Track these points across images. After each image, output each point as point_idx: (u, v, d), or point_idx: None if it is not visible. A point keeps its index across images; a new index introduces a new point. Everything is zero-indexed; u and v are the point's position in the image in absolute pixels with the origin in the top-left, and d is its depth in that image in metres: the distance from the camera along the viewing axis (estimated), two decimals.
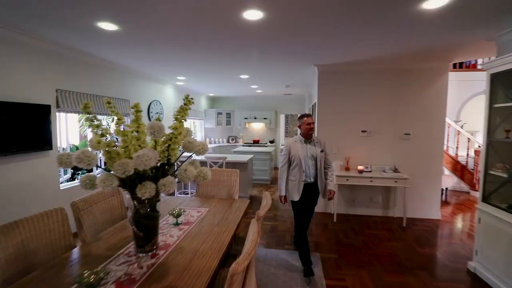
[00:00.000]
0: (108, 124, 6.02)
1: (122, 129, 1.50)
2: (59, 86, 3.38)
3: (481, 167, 2.69)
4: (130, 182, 1.45)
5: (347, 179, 4.04)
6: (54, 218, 1.70)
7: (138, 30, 2.75)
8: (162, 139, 1.51)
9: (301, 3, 2.12)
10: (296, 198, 2.70)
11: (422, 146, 4.21)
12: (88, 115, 1.35)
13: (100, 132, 1.38)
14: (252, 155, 5.91)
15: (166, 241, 1.76)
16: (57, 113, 3.39)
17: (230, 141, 9.19)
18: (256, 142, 8.99)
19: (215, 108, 8.97)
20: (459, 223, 4.21)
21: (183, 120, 1.55)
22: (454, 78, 6.38)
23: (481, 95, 6.10)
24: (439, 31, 2.72)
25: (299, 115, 2.86)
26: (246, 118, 8.91)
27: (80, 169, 4.96)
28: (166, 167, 1.55)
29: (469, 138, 5.92)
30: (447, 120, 6.00)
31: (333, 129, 4.43)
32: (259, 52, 3.54)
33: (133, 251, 1.61)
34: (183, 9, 2.25)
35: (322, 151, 2.76)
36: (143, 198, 1.37)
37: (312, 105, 5.93)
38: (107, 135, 1.42)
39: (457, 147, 6.08)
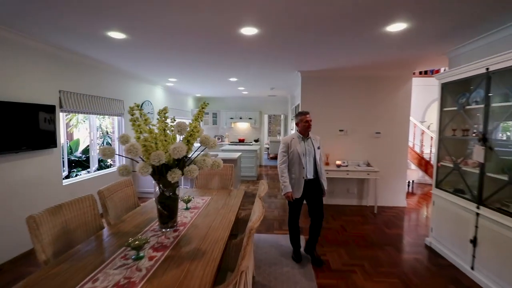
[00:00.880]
0: (100, 123, 6.16)
1: (148, 128, 1.85)
2: (61, 87, 3.57)
3: (434, 160, 3.28)
4: (158, 170, 1.80)
5: (327, 173, 4.54)
6: (86, 203, 2.00)
7: (143, 38, 3.05)
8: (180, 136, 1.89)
9: (288, 22, 2.55)
10: (299, 195, 2.71)
11: (390, 143, 4.83)
12: (131, 116, 1.69)
13: (141, 131, 1.73)
14: (240, 153, 6.30)
15: (182, 220, 2.13)
16: (60, 113, 3.58)
17: (217, 140, 9.49)
18: (241, 141, 9.38)
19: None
20: (421, 209, 4.87)
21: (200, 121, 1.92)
22: (421, 83, 7.17)
23: None
24: (401, 47, 3.28)
25: (297, 113, 2.83)
26: (231, 118, 9.27)
27: (76, 167, 5.11)
28: (185, 158, 1.92)
29: (432, 137, 6.71)
30: (414, 120, 6.76)
31: (314, 128, 4.87)
32: (250, 60, 3.95)
33: (157, 228, 1.96)
34: (187, 24, 2.60)
35: (318, 148, 2.82)
36: (172, 182, 1.73)
37: (295, 106, 6.43)
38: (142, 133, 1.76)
39: (422, 145, 6.85)
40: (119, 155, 1.53)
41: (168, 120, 1.94)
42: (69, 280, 1.33)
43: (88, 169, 5.34)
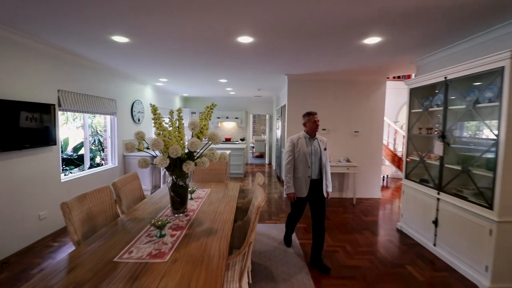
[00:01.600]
0: (91, 122, 6.19)
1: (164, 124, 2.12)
2: (60, 86, 3.69)
3: (403, 154, 3.78)
4: (173, 162, 2.08)
5: None
6: (104, 193, 2.23)
7: (145, 42, 3.26)
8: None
9: (280, 34, 2.89)
10: (304, 194, 2.73)
11: (367, 141, 5.34)
12: (154, 115, 1.96)
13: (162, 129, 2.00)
14: (230, 151, 6.58)
15: (190, 208, 2.40)
16: (59, 112, 3.70)
17: (204, 139, 9.68)
18: (228, 140, 9.64)
19: (188, 108, 9.39)
20: (394, 200, 5.43)
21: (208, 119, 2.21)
22: (394, 87, 7.82)
23: None
24: (376, 56, 3.74)
25: (304, 113, 2.85)
26: (218, 118, 9.51)
27: (69, 165, 5.16)
28: (194, 153, 2.21)
29: (404, 136, 7.36)
30: (388, 120, 7.39)
31: (300, 127, 5.33)
32: (243, 63, 4.26)
33: (170, 213, 2.23)
34: (188, 32, 2.87)
35: (325, 149, 2.81)
36: (187, 171, 2.01)
37: (281, 107, 6.81)
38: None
39: (395, 143, 7.49)
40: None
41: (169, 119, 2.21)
42: (108, 253, 1.58)
43: (80, 167, 5.41)
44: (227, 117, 9.49)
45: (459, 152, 2.89)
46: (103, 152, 6.06)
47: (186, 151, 2.08)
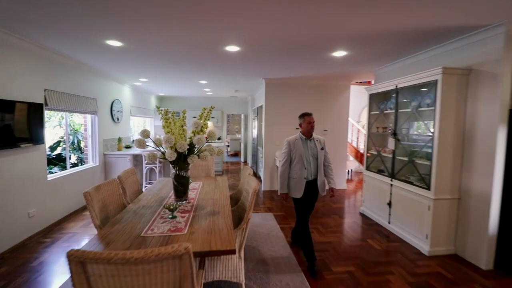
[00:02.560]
0: (70, 121, 6.06)
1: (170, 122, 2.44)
2: (46, 86, 3.74)
3: (364, 150, 4.46)
4: (178, 156, 2.41)
5: None
6: (114, 185, 2.49)
7: (138, 46, 3.49)
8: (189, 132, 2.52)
9: (263, 45, 3.33)
10: (299, 195, 2.75)
11: (334, 139, 6.03)
12: (163, 115, 2.28)
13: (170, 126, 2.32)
14: None
15: (189, 196, 2.75)
16: (45, 111, 3.75)
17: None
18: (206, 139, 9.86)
19: (164, 107, 9.43)
20: (358, 191, 6.19)
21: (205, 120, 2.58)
22: (358, 90, 8.70)
23: None
24: (342, 66, 4.36)
25: (300, 114, 2.86)
26: (194, 117, 9.66)
27: (55, 165, 5.11)
28: (194, 148, 2.56)
29: (365, 134, 8.26)
30: (352, 120, 8.23)
31: (276, 127, 5.87)
32: (226, 68, 4.63)
33: (173, 201, 2.55)
34: (180, 39, 3.19)
35: (322, 149, 2.82)
36: (191, 164, 2.36)
37: (258, 108, 7.28)
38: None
39: (358, 141, 8.37)
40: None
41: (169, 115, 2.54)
42: (133, 231, 1.88)
43: (58, 166, 5.35)
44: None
45: (406, 147, 3.59)
46: (80, 151, 6.02)
47: (187, 147, 2.40)
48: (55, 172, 4.42)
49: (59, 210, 4.06)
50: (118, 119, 6.11)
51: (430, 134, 3.10)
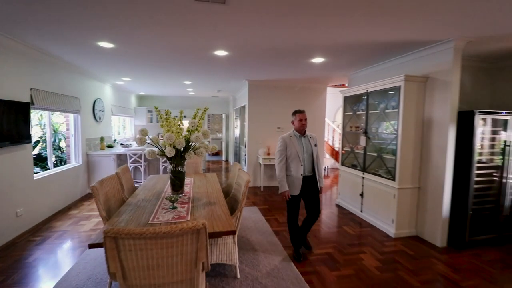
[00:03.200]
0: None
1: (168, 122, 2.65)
2: (32, 85, 3.74)
3: (339, 147, 4.91)
4: (177, 153, 2.63)
5: (270, 161, 5.85)
6: (114, 180, 2.65)
7: (129, 48, 3.62)
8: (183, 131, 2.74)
9: (249, 50, 3.62)
10: (297, 192, 2.76)
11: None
12: (165, 116, 2.48)
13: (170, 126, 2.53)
14: None
15: (184, 190, 2.96)
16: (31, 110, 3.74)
17: (160, 137, 9.78)
18: None
19: (145, 106, 9.39)
20: (333, 185, 6.69)
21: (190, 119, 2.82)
22: (333, 92, 9.27)
23: None
24: (320, 70, 4.78)
25: (293, 111, 2.91)
26: (176, 117, 9.71)
27: (35, 164, 5.02)
28: (189, 145, 2.79)
29: (340, 133, 8.85)
30: (328, 120, 8.77)
31: (259, 126, 6.18)
32: (212, 70, 4.86)
33: (170, 194, 2.76)
34: (171, 43, 3.39)
35: (315, 145, 2.87)
36: (188, 159, 2.59)
37: (240, 108, 7.54)
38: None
39: (333, 139, 8.94)
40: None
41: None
42: (139, 220, 2.08)
43: (41, 165, 5.25)
44: (184, 116, 9.73)
45: (376, 144, 4.06)
46: (60, 151, 5.92)
47: (184, 145, 2.62)
48: (37, 172, 4.37)
49: (46, 209, 4.06)
50: (100, 118, 6.08)
51: (395, 132, 3.58)
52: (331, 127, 9.05)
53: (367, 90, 4.07)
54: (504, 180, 3.36)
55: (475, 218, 3.27)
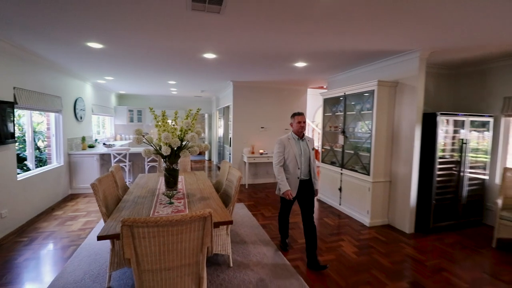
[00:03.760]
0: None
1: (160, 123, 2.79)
2: (15, 84, 3.67)
3: (319, 146, 5.26)
4: (172, 151, 2.77)
5: (254, 159, 6.09)
6: (110, 178, 2.74)
7: (119, 49, 3.68)
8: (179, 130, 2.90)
9: (236, 54, 3.82)
10: (293, 194, 2.76)
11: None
12: (159, 117, 2.61)
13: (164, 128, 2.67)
14: None
15: (178, 187, 3.11)
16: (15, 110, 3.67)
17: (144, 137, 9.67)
18: None
19: (126, 106, 9.23)
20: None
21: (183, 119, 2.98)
22: (312, 93, 9.69)
23: None
24: (302, 74, 5.08)
25: (292, 113, 2.90)
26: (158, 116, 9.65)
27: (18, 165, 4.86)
28: (183, 144, 2.94)
29: (319, 132, 9.28)
30: (307, 120, 9.16)
31: (243, 126, 6.39)
32: (199, 71, 4.99)
33: (164, 191, 2.90)
34: (160, 45, 3.51)
35: (313, 149, 2.86)
36: (182, 157, 2.75)
37: (224, 108, 7.70)
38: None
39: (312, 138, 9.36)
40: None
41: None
42: (140, 214, 2.23)
43: (19, 166, 5.08)
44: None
45: (353, 142, 4.44)
46: (39, 151, 5.74)
47: (178, 144, 2.77)
48: (19, 173, 4.27)
49: (29, 210, 4.00)
50: (81, 117, 5.98)
51: (369, 132, 3.95)
52: (311, 126, 9.46)
53: (344, 93, 4.42)
54: (461, 174, 3.86)
55: (438, 207, 3.73)
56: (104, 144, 6.48)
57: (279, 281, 2.52)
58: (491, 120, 3.97)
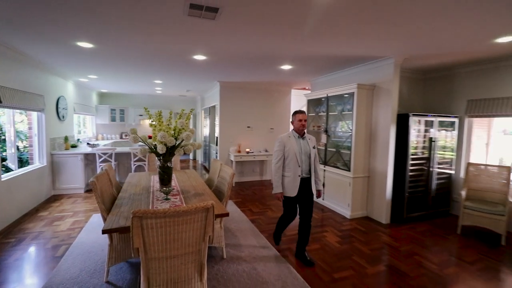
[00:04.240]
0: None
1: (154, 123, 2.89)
2: (1, 83, 3.59)
3: None
4: (167, 149, 2.89)
5: (241, 158, 6.26)
6: (105, 176, 2.80)
7: (109, 49, 3.71)
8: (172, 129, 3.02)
9: (225, 56, 3.98)
10: (294, 193, 2.72)
11: (278, 135, 7.02)
12: (156, 116, 2.72)
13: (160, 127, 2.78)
14: None
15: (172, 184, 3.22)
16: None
17: (124, 136, 9.52)
18: (150, 138, 9.78)
19: (107, 104, 9.05)
20: None
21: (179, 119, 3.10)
22: (296, 94, 10.01)
23: None
24: (287, 76, 5.33)
25: (293, 111, 2.89)
26: (141, 115, 9.56)
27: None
28: (177, 143, 3.06)
29: None
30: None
31: (230, 125, 6.54)
32: (187, 72, 5.08)
33: (159, 188, 3.01)
34: (152, 47, 3.60)
35: (314, 147, 2.83)
36: (176, 155, 2.87)
37: (209, 107, 7.80)
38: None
39: None
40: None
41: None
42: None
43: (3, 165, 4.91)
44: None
45: (335, 141, 4.74)
46: (18, 151, 5.55)
47: (174, 143, 2.89)
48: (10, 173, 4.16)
49: (14, 212, 3.92)
50: (63, 117, 5.85)
51: (350, 131, 4.26)
52: None
53: (327, 94, 4.71)
54: (431, 169, 4.26)
55: (410, 200, 4.10)
56: (88, 143, 6.36)
57: (270, 269, 2.73)
58: (456, 120, 4.42)
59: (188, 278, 1.83)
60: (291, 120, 2.92)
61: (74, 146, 6.12)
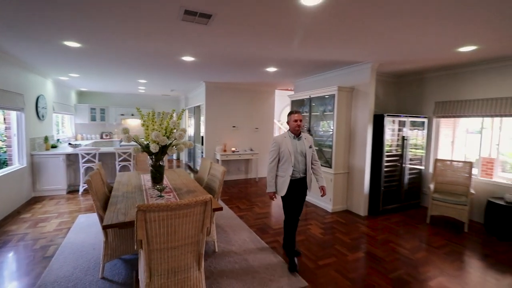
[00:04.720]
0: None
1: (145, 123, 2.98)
2: None
3: None
4: (160, 149, 2.98)
5: (226, 157, 6.39)
6: (98, 175, 2.84)
7: (98, 48, 3.71)
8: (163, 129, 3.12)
9: (213, 57, 4.11)
10: (283, 193, 2.74)
11: (263, 135, 7.25)
12: (148, 116, 2.81)
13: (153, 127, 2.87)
14: None
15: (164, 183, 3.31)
16: None
17: (104, 136, 9.31)
18: None
19: (87, 103, 8.80)
20: None
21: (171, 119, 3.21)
22: (279, 94, 10.26)
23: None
24: (272, 77, 5.54)
25: (289, 112, 2.87)
26: (122, 115, 9.38)
27: None
28: (170, 142, 3.16)
29: (285, 131, 9.90)
30: (275, 120, 9.71)
31: (216, 125, 6.65)
32: (174, 72, 5.13)
33: (151, 186, 3.09)
34: (141, 48, 3.66)
35: (310, 147, 2.82)
36: (169, 154, 2.98)
37: (194, 107, 7.85)
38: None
39: None
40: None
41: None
42: (135, 206, 2.42)
43: None
44: (132, 115, 9.49)
45: (317, 140, 5.01)
46: None
47: (167, 142, 2.99)
48: None
49: None
50: (43, 116, 5.68)
51: (331, 130, 4.55)
52: (277, 125, 10.03)
53: (310, 96, 4.97)
54: (403, 165, 4.65)
55: (385, 193, 4.46)
56: (69, 144, 6.21)
57: (260, 259, 2.91)
58: (425, 120, 4.84)
59: (187, 267, 1.97)
60: (286, 120, 2.91)
61: (54, 147, 5.96)
